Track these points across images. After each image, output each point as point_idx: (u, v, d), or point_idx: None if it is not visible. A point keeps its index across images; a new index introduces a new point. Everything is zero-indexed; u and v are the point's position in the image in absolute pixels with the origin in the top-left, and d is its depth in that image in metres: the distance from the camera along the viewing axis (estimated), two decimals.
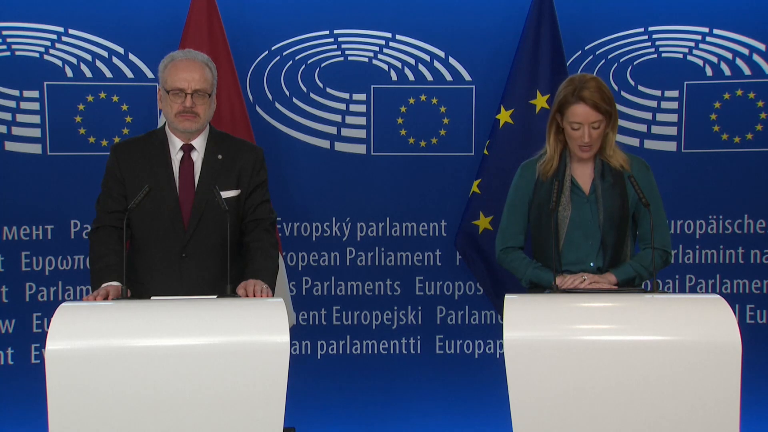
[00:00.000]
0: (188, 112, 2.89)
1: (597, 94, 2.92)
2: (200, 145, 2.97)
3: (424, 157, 4.03)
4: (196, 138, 2.97)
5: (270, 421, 2.32)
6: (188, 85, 2.88)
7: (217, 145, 2.99)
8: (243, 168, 2.98)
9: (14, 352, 3.91)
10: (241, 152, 3.01)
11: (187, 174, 2.94)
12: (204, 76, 2.92)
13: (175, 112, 2.90)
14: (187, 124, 2.91)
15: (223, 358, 2.31)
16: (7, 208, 3.86)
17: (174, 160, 2.95)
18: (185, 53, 2.98)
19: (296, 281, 4.01)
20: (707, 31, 4.00)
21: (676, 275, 4.09)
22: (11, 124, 3.86)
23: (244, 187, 2.98)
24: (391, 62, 3.99)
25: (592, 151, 2.99)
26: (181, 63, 2.92)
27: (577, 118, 2.93)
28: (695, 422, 2.39)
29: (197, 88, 2.89)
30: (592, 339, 2.46)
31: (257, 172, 3.01)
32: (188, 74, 2.89)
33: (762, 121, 4.03)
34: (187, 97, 2.88)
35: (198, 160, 2.96)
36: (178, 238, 2.90)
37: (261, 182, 3.02)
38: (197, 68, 2.92)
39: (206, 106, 2.93)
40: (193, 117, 2.90)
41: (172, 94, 2.89)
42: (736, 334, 2.39)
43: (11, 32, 3.82)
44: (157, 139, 2.98)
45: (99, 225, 2.94)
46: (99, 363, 2.28)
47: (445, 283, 4.08)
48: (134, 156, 2.95)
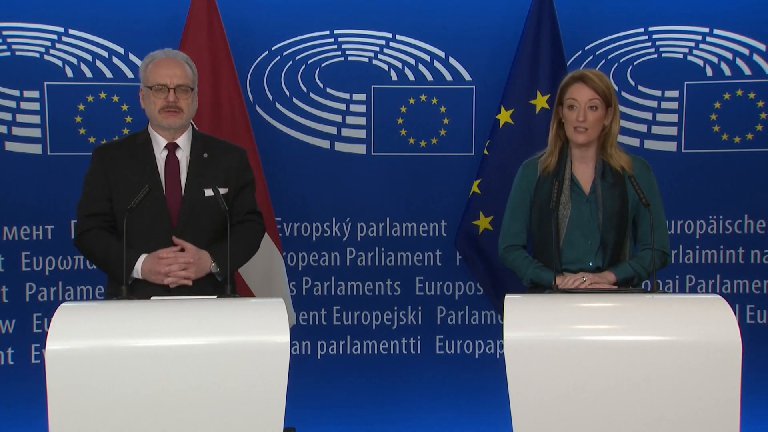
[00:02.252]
0: (171, 107, 2.91)
1: (595, 76, 2.97)
2: (185, 144, 2.98)
3: (424, 157, 4.03)
4: (180, 136, 2.97)
5: (270, 421, 2.32)
6: (170, 80, 2.91)
7: (202, 144, 3.00)
8: (230, 167, 2.99)
9: (14, 352, 3.92)
10: (227, 152, 3.03)
11: (173, 172, 2.94)
12: (185, 72, 2.94)
13: (159, 108, 2.91)
14: (171, 119, 2.92)
15: (223, 358, 2.31)
16: (7, 208, 3.86)
17: (159, 159, 2.95)
18: (165, 52, 3.01)
19: (296, 281, 4.01)
20: (707, 31, 4.00)
21: (676, 275, 4.09)
22: (11, 124, 3.86)
23: (231, 186, 2.99)
24: (392, 62, 3.99)
25: (588, 135, 2.97)
26: (162, 61, 2.95)
27: (573, 96, 2.96)
28: (695, 422, 2.39)
29: (179, 83, 2.91)
30: (592, 339, 2.45)
31: (243, 172, 3.03)
32: (169, 70, 2.92)
33: (762, 121, 4.03)
34: (170, 92, 2.90)
35: (183, 158, 2.96)
36: (166, 236, 2.89)
37: (248, 182, 3.04)
38: (177, 65, 2.95)
39: (189, 101, 2.95)
40: (177, 112, 2.92)
41: (154, 90, 2.91)
42: (737, 335, 2.39)
43: (11, 32, 3.82)
44: (141, 140, 2.99)
45: (84, 229, 2.93)
46: (99, 363, 2.28)
47: (445, 283, 4.08)
48: (118, 157, 2.96)
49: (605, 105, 2.96)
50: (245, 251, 3.02)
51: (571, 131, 2.98)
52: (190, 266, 2.83)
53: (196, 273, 2.84)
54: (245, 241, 3.00)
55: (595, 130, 2.98)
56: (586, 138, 2.98)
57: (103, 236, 2.91)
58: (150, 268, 2.83)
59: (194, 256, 2.84)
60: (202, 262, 2.86)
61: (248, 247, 3.03)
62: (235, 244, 2.86)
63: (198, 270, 2.85)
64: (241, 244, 2.95)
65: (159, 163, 2.95)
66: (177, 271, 2.82)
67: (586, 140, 2.98)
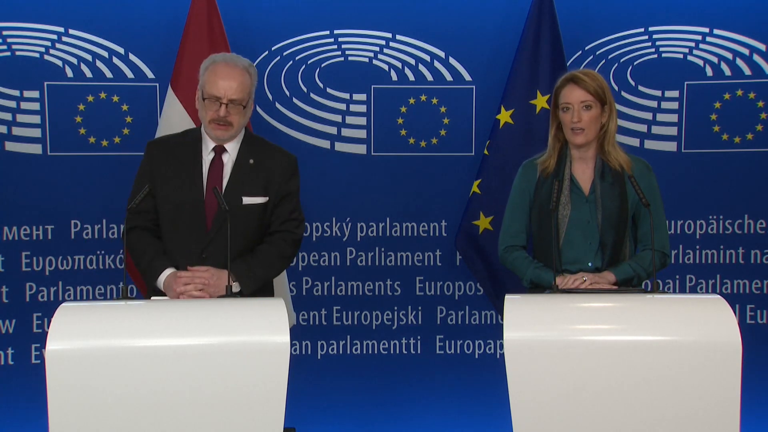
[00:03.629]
0: (221, 121, 2.86)
1: (587, 76, 2.97)
2: (232, 148, 2.94)
3: (424, 157, 4.03)
4: (231, 141, 2.94)
5: (270, 421, 2.32)
6: (224, 93, 2.84)
7: (250, 149, 2.95)
8: (273, 173, 2.94)
9: (14, 352, 3.92)
10: (274, 157, 2.97)
11: (215, 176, 2.91)
12: (242, 83, 2.87)
13: (209, 119, 2.87)
14: (220, 133, 2.88)
15: (223, 358, 2.31)
16: (7, 208, 3.86)
17: (205, 160, 2.92)
18: (226, 57, 2.94)
19: (296, 281, 4.01)
20: (707, 31, 4.00)
21: (676, 275, 4.09)
22: (11, 124, 3.86)
23: (273, 193, 2.94)
24: (392, 62, 3.99)
25: (586, 136, 2.97)
26: (221, 68, 2.88)
27: (567, 98, 2.96)
28: (695, 422, 2.39)
29: (233, 97, 2.85)
30: (592, 339, 2.45)
31: (287, 180, 2.96)
32: (226, 82, 2.85)
33: (762, 121, 4.03)
34: (222, 106, 2.84)
35: (229, 162, 2.92)
36: (199, 239, 2.87)
37: (291, 191, 2.97)
38: (236, 76, 2.87)
39: (240, 115, 2.89)
40: (226, 126, 2.87)
41: (207, 101, 2.86)
42: (737, 335, 2.39)
43: (11, 32, 3.82)
44: (191, 138, 2.96)
45: (131, 226, 2.91)
46: (99, 363, 2.28)
47: (445, 284, 4.08)
48: (166, 153, 2.93)
49: (600, 103, 2.96)
50: (272, 266, 2.93)
51: (569, 133, 2.99)
52: (207, 287, 2.78)
53: (213, 294, 2.78)
54: (272, 254, 2.92)
55: (593, 130, 2.98)
56: (584, 139, 2.98)
57: (143, 238, 2.89)
58: (169, 284, 2.81)
59: (212, 278, 2.79)
60: (220, 283, 2.78)
61: (276, 260, 2.94)
62: (260, 259, 2.86)
63: (215, 291, 2.78)
64: (266, 259, 2.90)
65: (204, 165, 2.92)
66: (192, 291, 2.77)
67: (584, 141, 2.98)
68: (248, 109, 2.94)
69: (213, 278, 2.79)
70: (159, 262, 2.85)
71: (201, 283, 2.78)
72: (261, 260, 2.88)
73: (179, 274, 2.81)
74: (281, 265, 2.99)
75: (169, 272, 2.83)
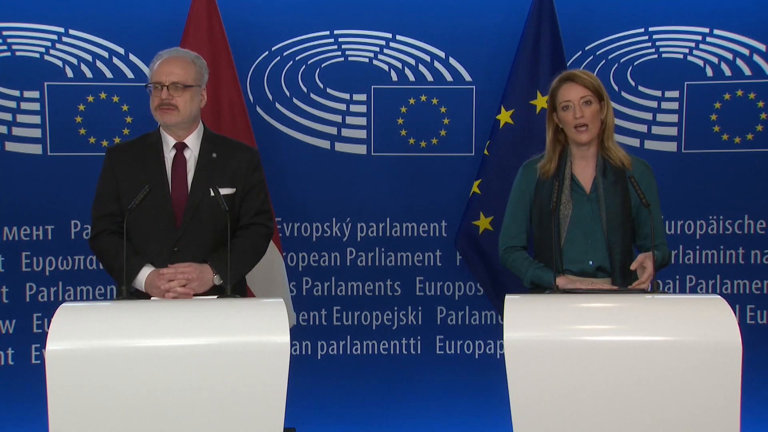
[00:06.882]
0: (165, 104, 2.89)
1: (582, 73, 2.99)
2: (193, 144, 2.96)
3: (424, 158, 4.03)
4: (189, 136, 2.96)
5: (270, 422, 2.32)
6: (166, 77, 2.89)
7: (211, 144, 2.98)
8: (238, 167, 2.97)
9: (14, 353, 3.92)
10: (236, 152, 3.00)
11: (179, 172, 2.93)
12: (185, 69, 2.92)
13: (155, 105, 2.91)
14: (167, 117, 2.90)
15: (223, 358, 2.31)
16: (7, 209, 3.86)
17: (167, 158, 2.94)
18: (171, 51, 3.00)
19: (296, 281, 4.01)
20: (707, 31, 4.00)
21: (676, 275, 4.09)
22: (11, 125, 3.86)
23: (239, 187, 2.97)
24: (392, 62, 3.99)
25: (590, 133, 2.97)
26: (164, 58, 2.95)
27: (565, 97, 2.96)
28: (695, 423, 2.39)
29: (174, 80, 2.89)
30: (592, 339, 2.45)
31: (252, 173, 2.99)
32: (168, 68, 2.91)
33: (762, 122, 4.03)
34: (164, 89, 2.88)
35: (191, 158, 2.95)
36: (170, 235, 2.88)
37: (256, 183, 3.01)
38: (179, 63, 2.93)
39: (186, 99, 2.91)
40: (171, 109, 2.89)
41: (153, 88, 2.91)
42: (737, 335, 2.39)
43: (11, 32, 3.83)
44: (151, 140, 2.98)
45: (97, 231, 2.94)
46: (99, 363, 2.28)
47: (445, 284, 4.08)
48: (128, 157, 2.95)
49: (598, 99, 2.97)
50: (248, 259, 2.96)
51: (573, 132, 2.98)
52: (191, 282, 2.80)
53: (198, 288, 2.80)
54: (248, 248, 2.94)
55: (595, 126, 2.98)
56: (588, 136, 2.97)
57: (113, 241, 2.89)
58: (151, 282, 2.81)
59: (195, 272, 2.81)
60: (203, 276, 2.81)
61: (251, 254, 2.97)
62: (237, 252, 2.85)
63: (199, 285, 2.80)
64: (243, 252, 2.91)
65: (167, 163, 2.94)
66: (176, 287, 2.78)
67: (589, 138, 2.98)
68: (195, 96, 2.95)
69: (196, 273, 2.81)
70: (135, 261, 2.85)
71: (185, 278, 2.79)
72: (238, 253, 2.87)
73: (161, 271, 2.81)
74: (256, 260, 3.01)
75: (148, 270, 2.83)
